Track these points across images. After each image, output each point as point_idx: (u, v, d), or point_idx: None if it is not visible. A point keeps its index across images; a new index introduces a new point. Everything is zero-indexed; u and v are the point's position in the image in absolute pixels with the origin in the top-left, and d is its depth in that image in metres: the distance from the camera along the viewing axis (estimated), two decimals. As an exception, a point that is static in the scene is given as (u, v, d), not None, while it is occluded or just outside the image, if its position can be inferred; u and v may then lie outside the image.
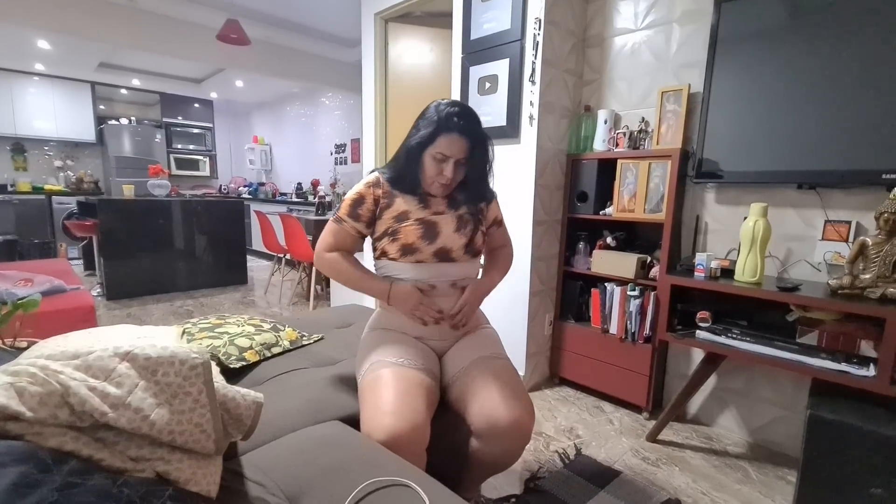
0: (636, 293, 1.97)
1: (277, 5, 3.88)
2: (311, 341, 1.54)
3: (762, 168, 1.69)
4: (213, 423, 0.69)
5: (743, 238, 1.57)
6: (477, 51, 2.25)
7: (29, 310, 0.96)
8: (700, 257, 1.66)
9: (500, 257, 1.38)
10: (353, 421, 1.10)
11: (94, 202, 3.82)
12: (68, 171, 5.95)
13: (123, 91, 6.17)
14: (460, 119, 1.14)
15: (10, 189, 5.34)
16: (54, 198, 5.43)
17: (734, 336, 1.59)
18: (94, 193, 5.81)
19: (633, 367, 2.01)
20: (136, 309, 3.60)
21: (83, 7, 3.66)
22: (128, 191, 4.30)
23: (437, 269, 1.20)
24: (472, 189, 1.25)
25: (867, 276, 1.38)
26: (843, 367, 1.37)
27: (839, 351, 1.45)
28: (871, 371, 1.32)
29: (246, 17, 4.02)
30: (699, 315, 1.69)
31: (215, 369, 0.87)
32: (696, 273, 1.67)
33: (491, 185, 1.30)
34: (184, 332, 1.38)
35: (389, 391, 1.03)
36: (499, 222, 1.37)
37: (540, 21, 1.98)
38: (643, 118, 2.05)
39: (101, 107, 6.07)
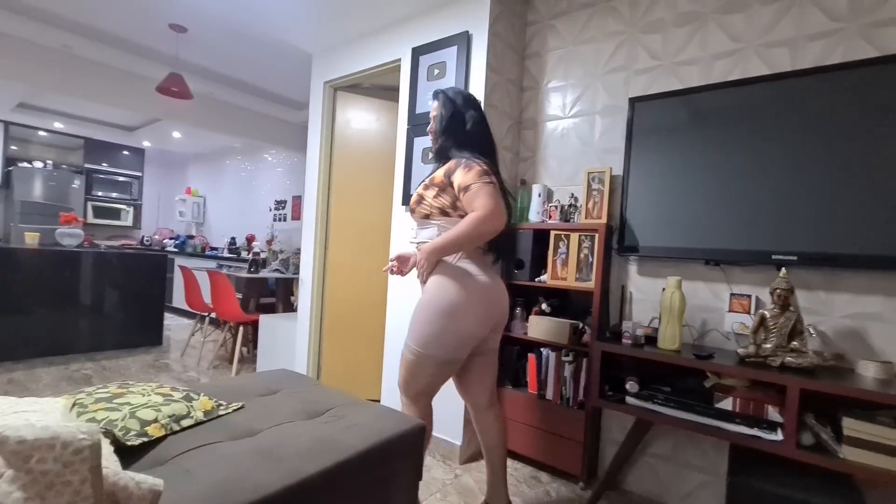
0: (570, 358, 2.02)
1: (227, 65, 3.90)
2: (229, 411, 1.40)
3: (675, 244, 1.87)
4: (95, 518, 0.59)
5: (662, 308, 1.70)
6: (421, 123, 2.38)
7: None
8: (626, 325, 1.76)
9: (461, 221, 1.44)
10: (270, 506, 0.98)
11: (-15, 250, 3.38)
12: (-41, 214, 5.30)
13: (42, 133, 5.76)
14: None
15: None
16: (-65, 243, 4.75)
17: (659, 402, 1.66)
18: (-11, 240, 5.17)
19: (568, 433, 2.01)
20: (20, 373, 3.11)
21: (10, 48, 3.46)
22: (30, 239, 3.87)
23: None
24: (438, 144, 1.57)
25: (768, 346, 1.52)
26: (755, 431, 1.45)
27: (751, 416, 1.54)
28: (778, 435, 1.41)
29: (191, 72, 4.00)
30: (627, 381, 1.75)
31: (108, 449, 0.76)
32: (623, 340, 1.75)
33: (463, 154, 1.48)
34: (74, 405, 1.20)
35: None
36: (464, 188, 1.40)
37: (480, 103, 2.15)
38: (572, 194, 2.23)
39: (14, 147, 5.60)
